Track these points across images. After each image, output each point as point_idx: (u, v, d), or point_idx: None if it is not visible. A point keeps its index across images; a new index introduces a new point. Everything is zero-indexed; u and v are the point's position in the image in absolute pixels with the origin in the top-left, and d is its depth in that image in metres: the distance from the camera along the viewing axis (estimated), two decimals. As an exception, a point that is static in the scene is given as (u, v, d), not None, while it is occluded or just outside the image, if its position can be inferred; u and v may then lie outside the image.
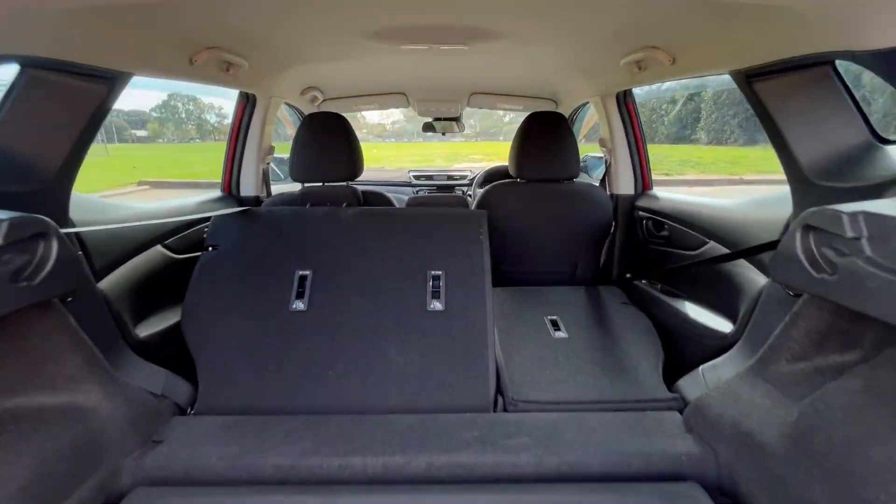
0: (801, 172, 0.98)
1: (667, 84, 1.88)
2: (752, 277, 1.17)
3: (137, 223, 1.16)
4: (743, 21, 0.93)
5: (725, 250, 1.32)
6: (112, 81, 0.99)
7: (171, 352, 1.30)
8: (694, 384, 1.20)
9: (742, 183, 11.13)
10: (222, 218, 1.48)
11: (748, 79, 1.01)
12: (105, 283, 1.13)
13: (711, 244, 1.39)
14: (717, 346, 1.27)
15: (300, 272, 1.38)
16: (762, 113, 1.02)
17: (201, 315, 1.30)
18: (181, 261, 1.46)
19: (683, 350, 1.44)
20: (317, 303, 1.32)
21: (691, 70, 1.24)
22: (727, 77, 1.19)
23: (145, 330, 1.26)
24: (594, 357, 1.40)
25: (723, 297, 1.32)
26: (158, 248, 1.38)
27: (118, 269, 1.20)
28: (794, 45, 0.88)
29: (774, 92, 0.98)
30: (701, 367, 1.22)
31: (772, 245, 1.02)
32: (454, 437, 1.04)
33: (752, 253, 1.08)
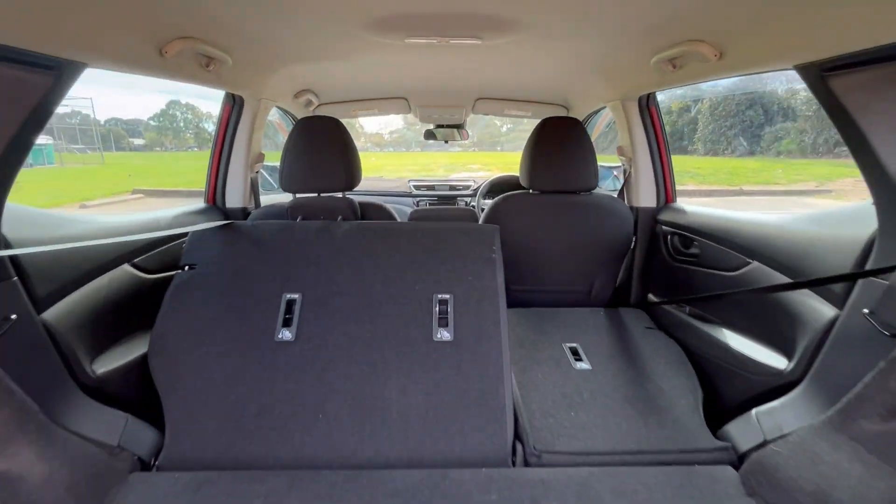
0: (891, 184, 0.81)
1: (660, 95, 1.74)
2: (815, 306, 1.01)
3: (91, 242, 0.98)
4: (817, 3, 0.77)
5: (772, 272, 1.16)
6: (58, 72, 0.82)
7: (135, 390, 1.12)
8: (747, 432, 1.02)
9: (742, 194, 11.10)
10: (201, 233, 1.31)
11: (822, 73, 0.86)
12: (52, 313, 0.95)
13: (755, 265, 1.23)
14: (769, 384, 1.09)
15: (288, 296, 1.20)
16: (839, 114, 0.86)
17: (172, 346, 1.12)
18: (153, 282, 1.29)
19: (724, 386, 1.26)
20: (306, 332, 1.15)
21: (742, 66, 1.08)
22: (727, 82, 1.03)
23: (105, 365, 1.07)
24: (624, 394, 1.22)
25: (772, 325, 1.15)
26: (126, 267, 1.20)
27: (72, 294, 1.02)
28: (885, 31, 0.73)
29: (857, 89, 0.82)
30: (754, 411, 1.05)
31: (859, 275, 0.86)
32: (468, 502, 0.86)
33: (832, 281, 0.91)
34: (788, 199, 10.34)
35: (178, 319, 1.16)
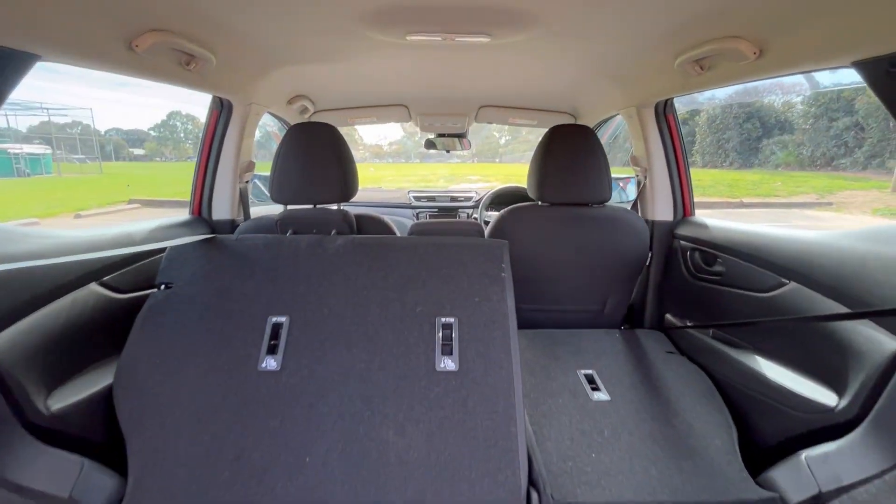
0: None
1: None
2: (873, 336, 0.88)
3: (44, 261, 0.85)
4: None
5: (814, 294, 1.04)
6: (2, 63, 0.71)
7: (97, 429, 0.99)
8: (797, 480, 0.89)
9: (742, 206, 11.08)
10: (179, 248, 1.19)
11: (890, 70, 0.75)
12: None
13: (792, 286, 1.11)
14: (815, 423, 0.97)
15: (274, 319, 1.08)
16: None
17: (140, 377, 0.99)
18: (125, 303, 1.16)
19: (760, 422, 1.13)
20: (293, 360, 1.02)
21: (785, 65, 0.97)
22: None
23: (63, 400, 0.94)
24: (649, 430, 1.09)
25: (815, 354, 1.02)
26: (93, 286, 1.08)
27: (25, 318, 0.89)
28: None
29: None
30: (804, 455, 0.91)
31: None
32: None
33: None
34: (790, 211, 10.31)
35: (149, 346, 1.03)
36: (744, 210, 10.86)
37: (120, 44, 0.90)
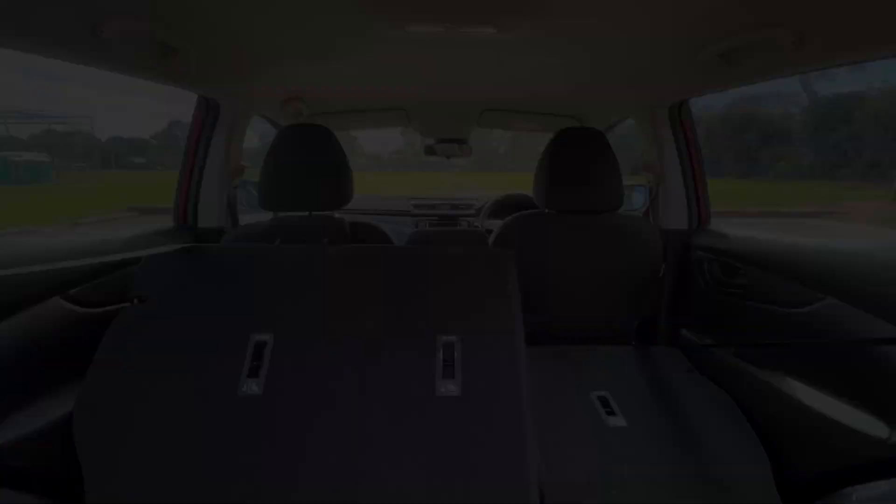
0: None
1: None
2: None
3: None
4: None
5: (856, 311, 0.94)
6: None
7: (53, 464, 0.88)
8: None
9: (742, 215, 11.05)
10: (156, 258, 1.08)
11: None
12: None
13: (830, 301, 1.01)
14: (864, 456, 0.86)
15: (257, 337, 0.97)
16: None
17: (105, 403, 0.88)
18: (95, 318, 1.05)
19: (794, 453, 1.02)
20: (277, 384, 0.91)
21: (829, 55, 0.88)
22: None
23: (13, 431, 0.83)
24: (673, 463, 0.98)
25: (861, 379, 0.92)
26: (57, 301, 0.97)
27: None
28: None
29: None
30: (854, 494, 0.81)
31: None
32: None
33: None
34: (789, 220, 10.29)
35: (116, 367, 0.93)
36: (740, 219, 10.85)
37: (82, 27, 0.80)
